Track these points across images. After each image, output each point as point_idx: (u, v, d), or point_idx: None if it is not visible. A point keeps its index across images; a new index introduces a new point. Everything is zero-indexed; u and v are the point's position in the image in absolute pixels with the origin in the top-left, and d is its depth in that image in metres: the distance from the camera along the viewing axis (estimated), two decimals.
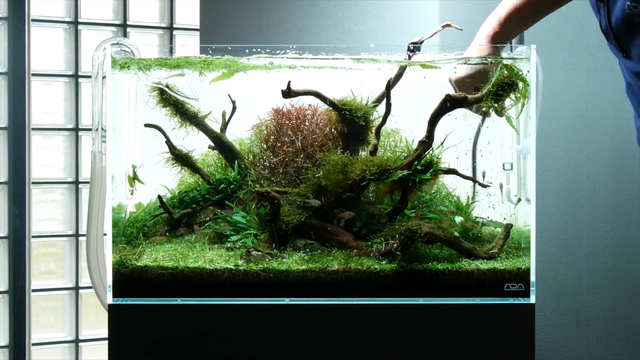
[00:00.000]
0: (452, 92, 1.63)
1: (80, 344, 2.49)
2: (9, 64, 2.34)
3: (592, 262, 2.23)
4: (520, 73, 1.53)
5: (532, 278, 1.48)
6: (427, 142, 1.59)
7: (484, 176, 1.67)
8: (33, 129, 2.39)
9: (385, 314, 1.47)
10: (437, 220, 1.59)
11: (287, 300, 1.48)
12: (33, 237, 2.39)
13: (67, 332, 2.49)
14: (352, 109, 1.66)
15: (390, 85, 1.64)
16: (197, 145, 1.82)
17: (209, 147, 1.84)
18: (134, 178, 1.72)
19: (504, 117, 1.62)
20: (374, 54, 1.63)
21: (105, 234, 1.58)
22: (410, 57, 1.66)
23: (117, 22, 2.53)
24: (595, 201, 2.26)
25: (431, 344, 1.47)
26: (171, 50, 2.29)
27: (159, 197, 1.70)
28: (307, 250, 1.54)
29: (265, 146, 1.78)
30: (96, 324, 2.50)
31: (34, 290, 2.40)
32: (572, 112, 2.24)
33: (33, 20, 2.38)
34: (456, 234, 1.53)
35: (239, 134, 1.83)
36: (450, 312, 1.47)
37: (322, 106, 1.72)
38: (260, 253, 1.52)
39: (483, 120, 1.66)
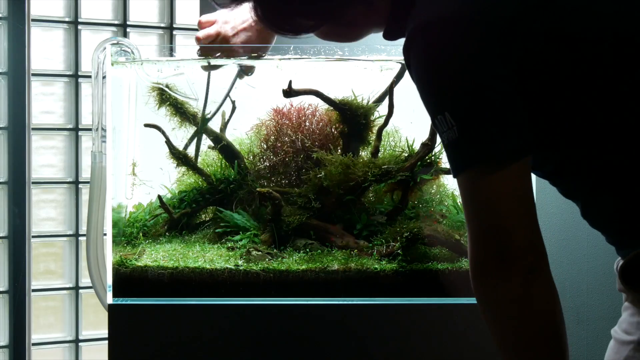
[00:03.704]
0: None
1: (80, 344, 2.48)
2: (9, 64, 2.33)
3: (592, 262, 2.23)
4: None
5: None
6: (429, 145, 1.59)
7: None
8: (33, 129, 2.39)
9: (385, 314, 1.47)
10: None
11: (287, 300, 1.48)
12: (33, 237, 2.39)
13: (67, 332, 2.49)
14: (353, 109, 1.66)
15: (392, 85, 1.63)
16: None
17: (209, 147, 1.83)
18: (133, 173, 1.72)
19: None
20: (374, 54, 1.62)
21: (105, 234, 1.58)
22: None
23: (117, 22, 2.52)
24: None
25: (431, 344, 1.47)
26: (171, 50, 2.29)
27: (159, 197, 1.70)
28: (307, 250, 1.54)
29: (265, 146, 1.78)
30: (96, 324, 2.50)
31: (34, 290, 2.39)
32: None
33: (33, 20, 2.38)
34: (457, 236, 1.53)
35: (239, 133, 1.83)
36: (450, 312, 1.47)
37: (322, 106, 1.72)
38: (260, 253, 1.52)
39: None
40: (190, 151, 1.81)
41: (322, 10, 1.12)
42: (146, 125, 1.74)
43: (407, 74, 1.66)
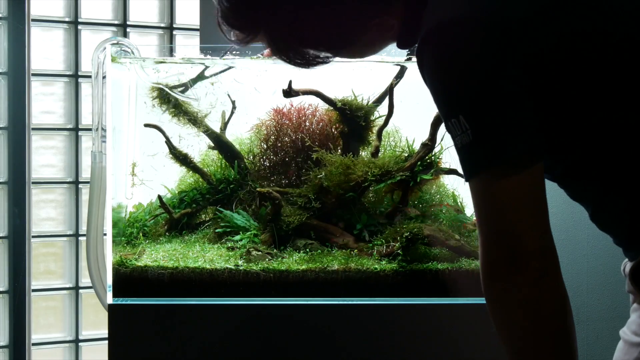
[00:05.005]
0: None
1: (80, 344, 2.48)
2: (9, 64, 2.33)
3: (592, 262, 2.23)
4: None
5: None
6: (429, 145, 1.59)
7: None
8: (33, 129, 2.39)
9: (385, 314, 1.47)
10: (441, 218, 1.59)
11: (287, 300, 1.48)
12: (33, 237, 2.39)
13: (67, 332, 2.49)
14: (353, 109, 1.66)
15: (392, 86, 1.63)
16: (196, 144, 1.82)
17: (209, 147, 1.83)
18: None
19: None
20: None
21: (105, 234, 1.58)
22: None
23: (117, 22, 2.52)
24: None
25: (431, 344, 1.47)
26: (171, 50, 2.29)
27: (159, 197, 1.70)
28: (307, 250, 1.54)
29: (265, 146, 1.78)
30: (96, 324, 2.50)
31: (34, 290, 2.39)
32: None
33: (33, 20, 2.38)
34: (457, 236, 1.53)
35: (239, 133, 1.83)
36: (450, 312, 1.47)
37: (323, 106, 1.72)
38: (260, 253, 1.52)
39: None
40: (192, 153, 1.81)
41: (338, 43, 1.11)
42: (146, 125, 1.74)
43: (406, 74, 1.67)
